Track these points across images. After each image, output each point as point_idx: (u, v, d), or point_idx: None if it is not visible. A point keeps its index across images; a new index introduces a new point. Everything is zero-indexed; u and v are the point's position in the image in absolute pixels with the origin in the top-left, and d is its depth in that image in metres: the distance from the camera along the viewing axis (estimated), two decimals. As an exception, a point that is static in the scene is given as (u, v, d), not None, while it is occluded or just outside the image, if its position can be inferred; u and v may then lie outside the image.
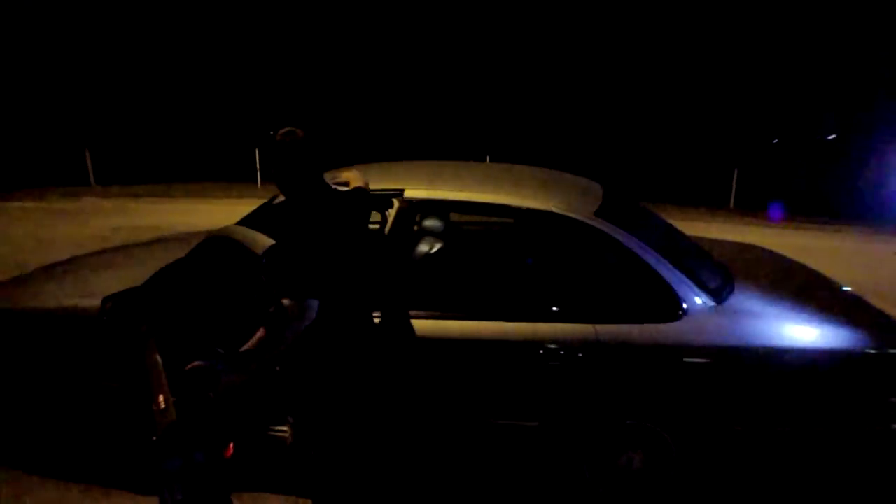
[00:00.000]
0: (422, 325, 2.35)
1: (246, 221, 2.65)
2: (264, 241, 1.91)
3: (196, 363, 1.59)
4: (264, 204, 3.11)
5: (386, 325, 2.31)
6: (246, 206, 10.93)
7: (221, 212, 10.57)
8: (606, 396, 2.36)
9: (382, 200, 2.50)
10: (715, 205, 12.10)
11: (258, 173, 13.65)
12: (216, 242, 2.22)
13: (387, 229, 2.41)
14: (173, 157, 17.31)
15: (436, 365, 2.40)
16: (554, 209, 2.45)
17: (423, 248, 2.73)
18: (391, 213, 2.45)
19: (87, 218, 10.09)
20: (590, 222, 2.42)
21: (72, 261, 3.70)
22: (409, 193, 2.48)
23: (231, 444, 1.70)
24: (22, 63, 21.48)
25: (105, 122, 19.63)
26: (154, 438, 1.69)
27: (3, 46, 20.97)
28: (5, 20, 21.10)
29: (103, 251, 4.06)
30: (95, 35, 22.13)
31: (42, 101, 21.23)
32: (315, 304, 1.72)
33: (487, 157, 12.87)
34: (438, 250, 2.71)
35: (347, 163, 2.97)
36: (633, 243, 2.40)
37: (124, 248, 3.92)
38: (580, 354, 2.28)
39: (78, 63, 22.01)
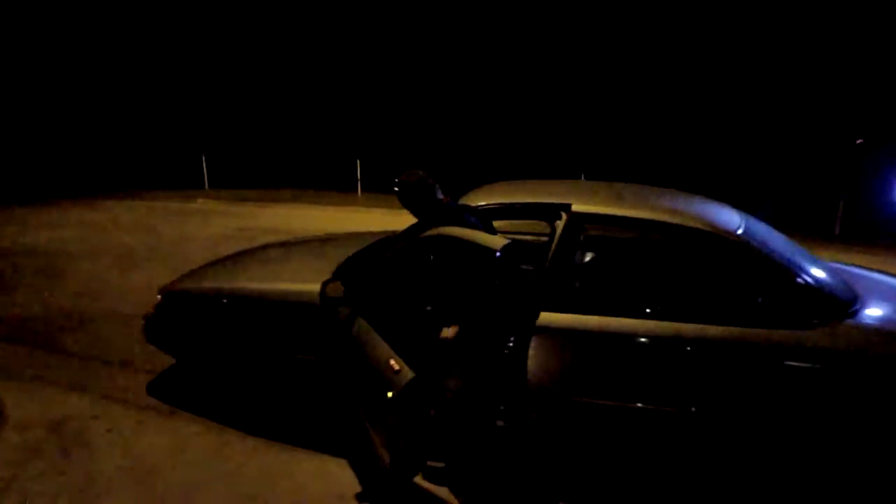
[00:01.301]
0: (588, 321, 2.64)
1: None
2: (497, 241, 2.23)
3: (450, 330, 1.97)
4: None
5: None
6: (347, 213, 11.63)
7: (329, 217, 11.31)
8: (748, 391, 2.56)
9: (552, 212, 2.83)
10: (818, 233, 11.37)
11: (359, 183, 14.35)
12: (435, 239, 2.58)
13: (556, 238, 2.72)
14: (277, 165, 18.55)
15: (597, 356, 2.68)
16: (704, 227, 2.71)
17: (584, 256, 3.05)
18: (560, 224, 2.76)
19: (209, 218, 11.02)
20: (737, 239, 2.67)
21: (246, 253, 4.25)
22: (576, 207, 2.80)
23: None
24: (144, 73, 23.52)
25: (217, 130, 21.22)
26: (389, 395, 2.07)
27: (126, 57, 23.15)
28: (128, 30, 23.21)
29: (266, 246, 4.57)
30: (208, 46, 23.89)
31: (160, 108, 23.28)
32: None
33: (582, 175, 13.01)
34: (593, 259, 3.01)
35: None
36: (774, 256, 2.64)
37: (291, 244, 4.40)
38: (722, 351, 2.52)
39: (192, 71, 23.86)
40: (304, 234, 8.15)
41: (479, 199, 3.07)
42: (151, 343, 3.64)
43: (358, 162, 14.17)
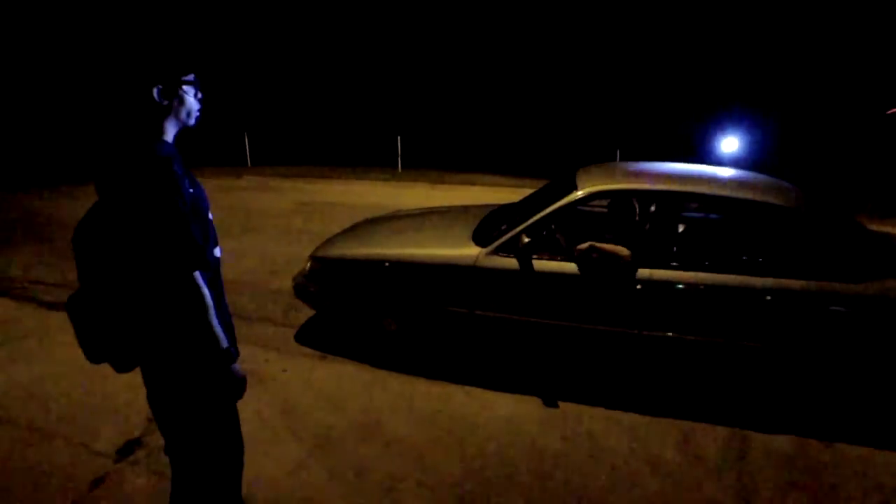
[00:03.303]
0: (686, 275, 3.28)
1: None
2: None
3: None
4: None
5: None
6: (393, 188, 12.33)
7: (379, 192, 11.93)
8: (812, 329, 3.18)
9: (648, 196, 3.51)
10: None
11: (399, 159, 14.92)
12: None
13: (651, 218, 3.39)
14: (315, 142, 19.12)
15: (694, 303, 3.32)
16: (777, 202, 3.32)
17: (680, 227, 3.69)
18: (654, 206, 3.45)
19: (266, 194, 11.63)
20: (804, 211, 3.29)
21: (371, 222, 4.88)
22: (667, 187, 3.44)
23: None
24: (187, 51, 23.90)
25: (256, 108, 21.75)
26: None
27: (171, 35, 23.60)
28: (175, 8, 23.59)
29: (391, 216, 5.14)
30: (246, 24, 24.24)
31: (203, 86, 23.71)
32: None
33: (618, 153, 13.52)
34: (685, 230, 3.68)
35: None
36: (832, 225, 3.30)
37: (408, 216, 4.95)
38: (794, 300, 3.15)
39: (231, 49, 24.25)
40: (378, 207, 8.79)
41: (594, 184, 3.57)
42: (301, 299, 4.28)
43: (399, 139, 14.70)
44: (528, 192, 5.24)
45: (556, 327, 3.50)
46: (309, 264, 4.20)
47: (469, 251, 3.58)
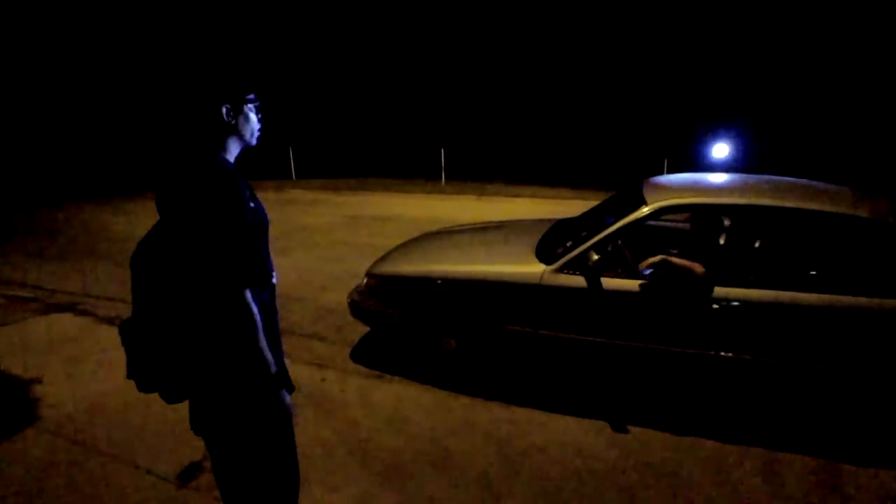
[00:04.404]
0: (766, 294, 3.05)
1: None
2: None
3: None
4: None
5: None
6: (438, 201, 12.24)
7: (424, 205, 11.90)
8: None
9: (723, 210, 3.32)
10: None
11: (443, 171, 14.89)
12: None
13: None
14: (358, 155, 19.31)
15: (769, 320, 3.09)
16: (861, 214, 3.06)
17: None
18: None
19: (314, 207, 11.76)
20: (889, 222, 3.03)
21: (427, 237, 4.80)
22: (744, 201, 3.21)
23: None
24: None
25: (299, 122, 22.16)
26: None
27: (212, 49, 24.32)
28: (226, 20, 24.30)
29: (447, 231, 5.07)
30: (290, 38, 24.78)
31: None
32: None
33: (665, 161, 13.18)
34: (762, 245, 3.45)
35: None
36: None
37: (462, 232, 4.87)
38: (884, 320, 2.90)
39: (273, 64, 24.84)
40: (426, 221, 8.72)
41: (665, 198, 3.35)
42: (356, 317, 4.22)
43: (442, 151, 14.69)
44: (570, 203, 5.12)
45: (625, 348, 3.33)
46: (365, 281, 4.14)
47: (533, 268, 3.45)
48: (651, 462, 2.98)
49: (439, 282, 3.73)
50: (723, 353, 3.14)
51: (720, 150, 12.98)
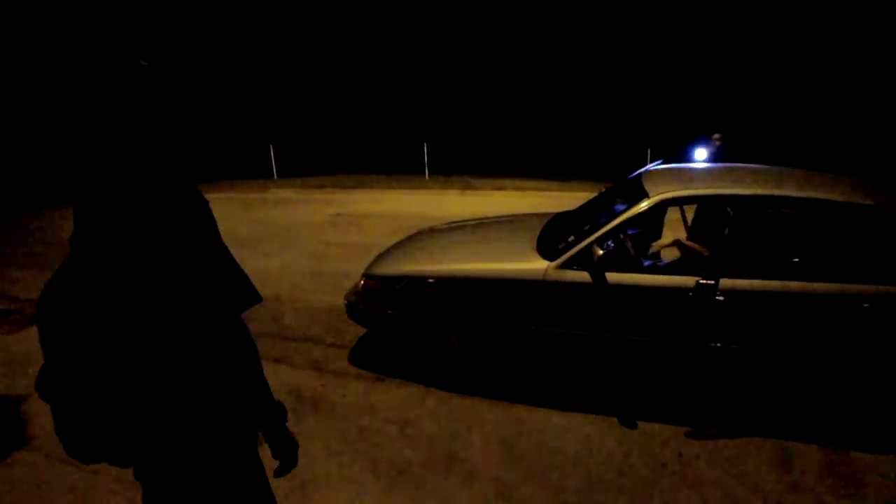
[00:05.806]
0: (772, 285, 3.04)
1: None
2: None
3: None
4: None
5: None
6: (422, 195, 12.09)
7: (410, 200, 11.79)
8: None
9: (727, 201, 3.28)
10: None
11: (426, 167, 14.79)
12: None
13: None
14: (340, 151, 19.12)
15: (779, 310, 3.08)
16: (868, 202, 3.06)
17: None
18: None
19: (298, 206, 11.56)
20: None
21: (423, 235, 4.72)
22: (748, 191, 3.19)
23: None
24: (208, 65, 24.18)
25: (280, 120, 21.87)
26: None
27: (190, 48, 23.83)
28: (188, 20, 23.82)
29: (443, 228, 4.97)
30: (269, 35, 24.39)
31: (226, 99, 23.95)
32: None
33: (649, 151, 13.23)
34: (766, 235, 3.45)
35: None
36: None
37: (458, 228, 4.78)
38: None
39: (252, 61, 24.43)
40: (414, 217, 8.63)
41: (667, 190, 3.33)
42: (353, 319, 4.12)
43: (425, 146, 14.59)
44: (555, 194, 5.06)
45: (631, 342, 3.30)
46: (362, 282, 4.06)
47: (536, 265, 3.39)
48: (661, 456, 2.96)
49: (441, 281, 3.67)
50: (729, 346, 3.13)
51: (700, 153, 13.07)
